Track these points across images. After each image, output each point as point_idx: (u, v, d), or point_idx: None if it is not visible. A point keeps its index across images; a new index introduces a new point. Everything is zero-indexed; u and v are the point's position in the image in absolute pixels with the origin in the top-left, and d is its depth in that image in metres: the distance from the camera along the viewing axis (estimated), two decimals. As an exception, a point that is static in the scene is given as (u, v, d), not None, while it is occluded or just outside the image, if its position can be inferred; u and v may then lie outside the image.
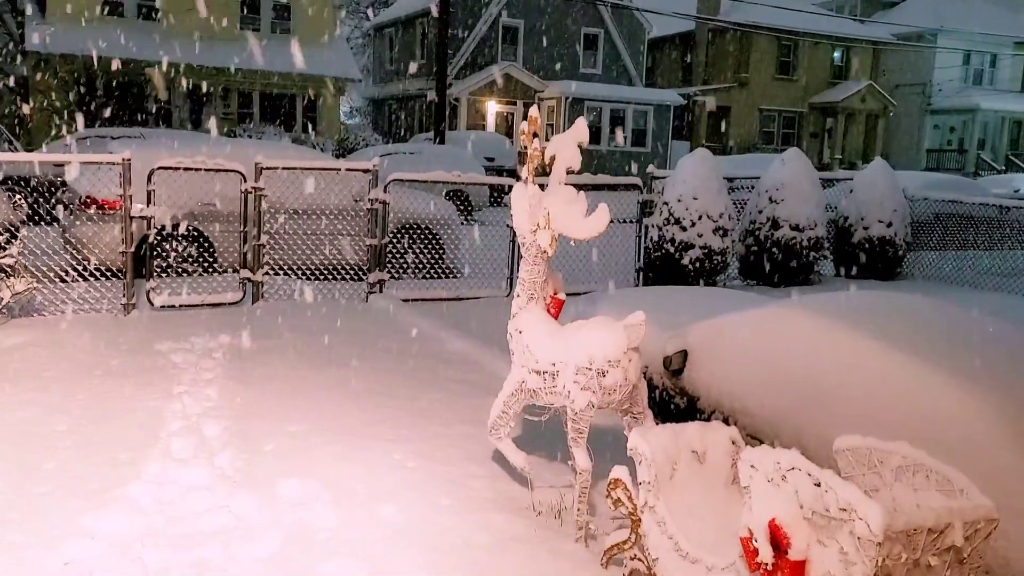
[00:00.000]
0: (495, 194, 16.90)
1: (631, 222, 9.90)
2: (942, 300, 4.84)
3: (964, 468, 2.41)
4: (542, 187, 3.68)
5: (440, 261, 9.90)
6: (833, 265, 11.32)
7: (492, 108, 29.71)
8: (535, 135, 3.65)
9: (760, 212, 10.22)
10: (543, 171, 3.75)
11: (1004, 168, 35.46)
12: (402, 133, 29.66)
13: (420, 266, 9.80)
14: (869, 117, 36.60)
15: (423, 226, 9.88)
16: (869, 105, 36.14)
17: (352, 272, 9.04)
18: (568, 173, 3.63)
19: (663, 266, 9.72)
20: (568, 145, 3.59)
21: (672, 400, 5.28)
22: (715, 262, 9.59)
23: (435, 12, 22.12)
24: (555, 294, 3.83)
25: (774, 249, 10.07)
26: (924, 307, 4.38)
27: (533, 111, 3.66)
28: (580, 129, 3.56)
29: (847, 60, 36.64)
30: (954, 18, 36.56)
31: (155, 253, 7.77)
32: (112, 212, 7.96)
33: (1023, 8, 40.85)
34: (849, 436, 2.61)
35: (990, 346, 3.97)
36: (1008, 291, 10.34)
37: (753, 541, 2.28)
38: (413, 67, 30.50)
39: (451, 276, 9.90)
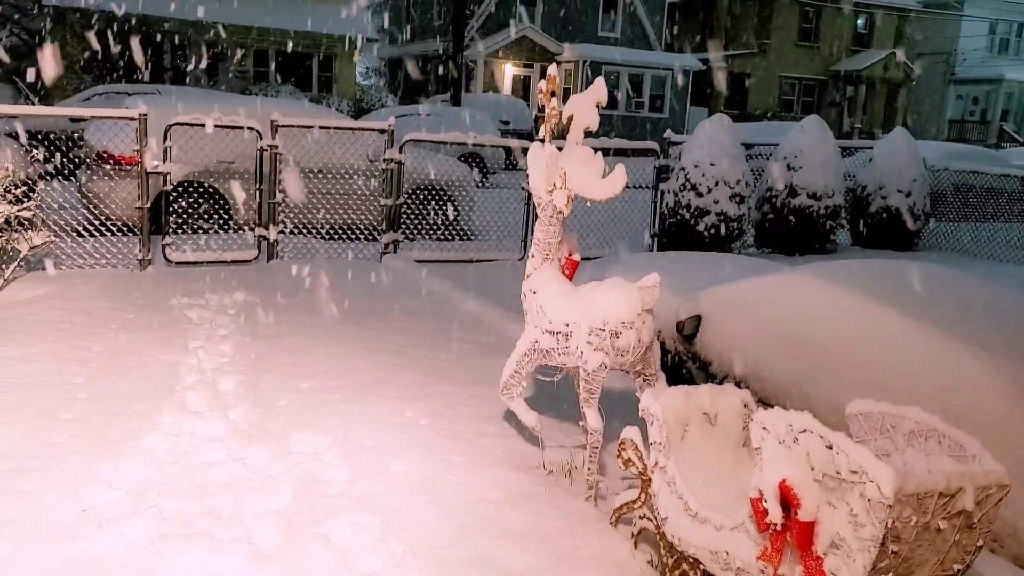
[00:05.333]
0: (510, 158, 16.80)
1: (647, 187, 9.84)
2: (955, 269, 4.79)
3: (975, 436, 2.41)
4: (559, 148, 3.65)
5: (455, 223, 9.89)
6: (850, 234, 11.23)
7: (509, 71, 29.40)
8: (553, 94, 3.60)
9: (778, 180, 10.12)
10: (561, 133, 3.71)
11: (1026, 140, 34.93)
12: (418, 94, 29.44)
13: (435, 227, 9.80)
14: (891, 86, 36.00)
15: (438, 188, 9.85)
16: (891, 74, 35.52)
17: (367, 232, 9.05)
18: (586, 135, 3.60)
19: (678, 232, 9.67)
20: (586, 105, 3.55)
21: (684, 364, 5.28)
22: (731, 229, 9.52)
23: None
24: (570, 255, 3.82)
25: (791, 217, 9.99)
26: (936, 275, 4.35)
27: (552, 69, 3.61)
28: (599, 90, 3.51)
29: (871, 27, 35.95)
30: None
31: (171, 209, 7.79)
32: (128, 168, 7.96)
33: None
34: (862, 400, 2.60)
35: (1002, 314, 3.95)
36: (1018, 262, 10.23)
37: (763, 502, 2.29)
38: (430, 28, 30.18)
39: (466, 238, 9.89)
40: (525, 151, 3.95)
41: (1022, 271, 9.70)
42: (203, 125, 7.61)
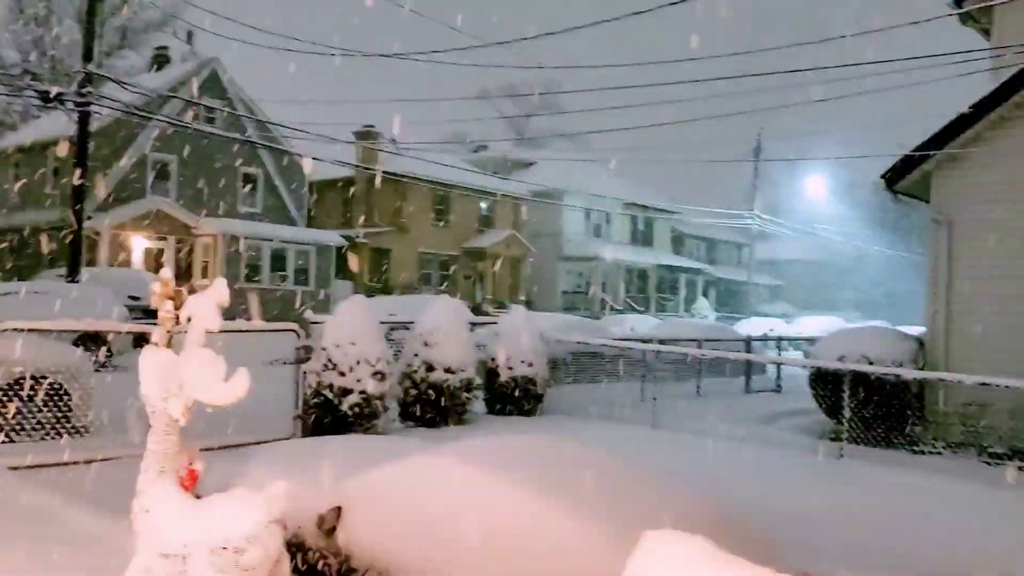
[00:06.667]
0: (139, 337, 15.51)
1: (290, 363, 9.69)
2: (565, 440, 5.33)
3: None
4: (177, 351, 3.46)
5: (64, 417, 8.71)
6: (484, 403, 12.02)
7: (140, 243, 27.74)
8: (171, 298, 3.45)
9: (416, 356, 10.62)
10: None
11: (622, 309, 41.18)
12: (33, 269, 26.26)
13: (40, 425, 8.52)
14: (514, 262, 40.61)
15: (40, 377, 8.66)
16: (513, 251, 40.17)
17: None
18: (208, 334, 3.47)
19: (322, 412, 9.56)
20: (206, 306, 3.44)
21: (325, 559, 5.07)
22: (374, 407, 9.66)
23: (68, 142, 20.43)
24: (190, 464, 3.55)
25: (430, 391, 10.45)
26: (552, 449, 4.80)
27: (165, 272, 3.47)
28: (220, 291, 3.44)
29: (493, 211, 40.67)
30: (577, 181, 42.67)
31: None
32: None
33: (627, 173, 49.04)
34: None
35: (608, 482, 4.45)
36: (620, 420, 11.71)
37: None
38: (45, 197, 27.59)
39: (80, 434, 8.73)
40: (143, 340, 3.65)
41: (627, 428, 11.08)
42: None
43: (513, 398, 11.68)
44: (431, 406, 10.48)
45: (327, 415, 9.51)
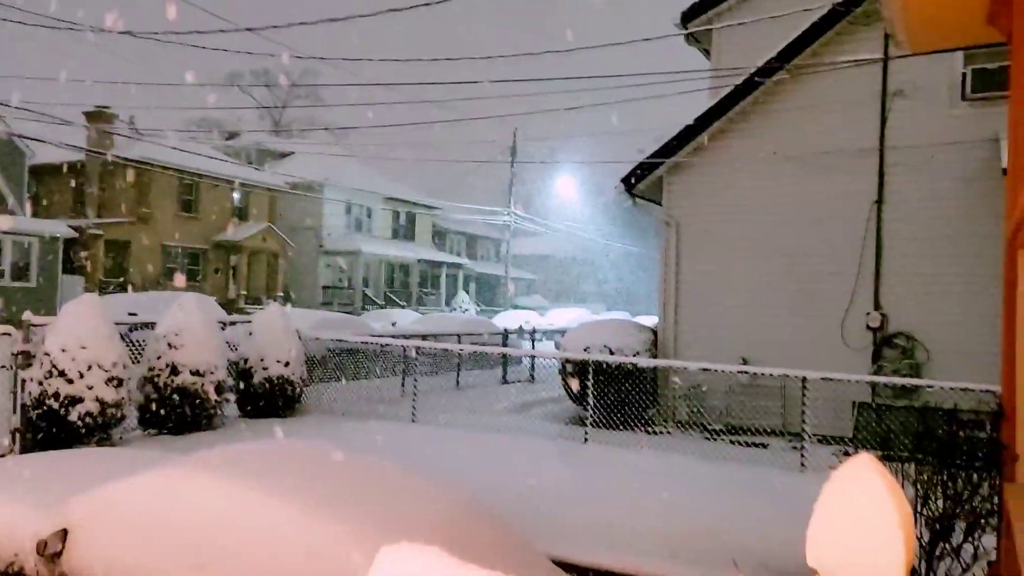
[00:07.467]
0: None
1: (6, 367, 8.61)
2: (316, 441, 5.24)
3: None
4: None
5: None
6: (237, 406, 11.46)
7: None
8: None
9: (159, 358, 9.87)
10: None
11: (384, 303, 41.11)
12: None
13: None
14: (271, 256, 38.97)
15: None
16: (270, 245, 38.54)
17: None
18: None
19: (48, 424, 8.61)
20: None
21: (49, 590, 4.59)
22: (109, 415, 8.86)
23: None
24: None
25: (175, 396, 9.77)
26: (303, 453, 4.71)
27: None
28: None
29: (247, 203, 38.74)
30: (336, 173, 41.84)
31: None
32: None
33: (387, 170, 48.99)
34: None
35: (357, 484, 4.44)
36: (380, 417, 11.76)
37: None
38: None
39: None
40: None
41: (387, 425, 11.10)
42: None
43: (268, 399, 11.24)
44: (177, 412, 9.80)
45: (53, 427, 8.58)
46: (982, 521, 4.66)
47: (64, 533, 4.56)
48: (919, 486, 4.72)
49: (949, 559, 4.65)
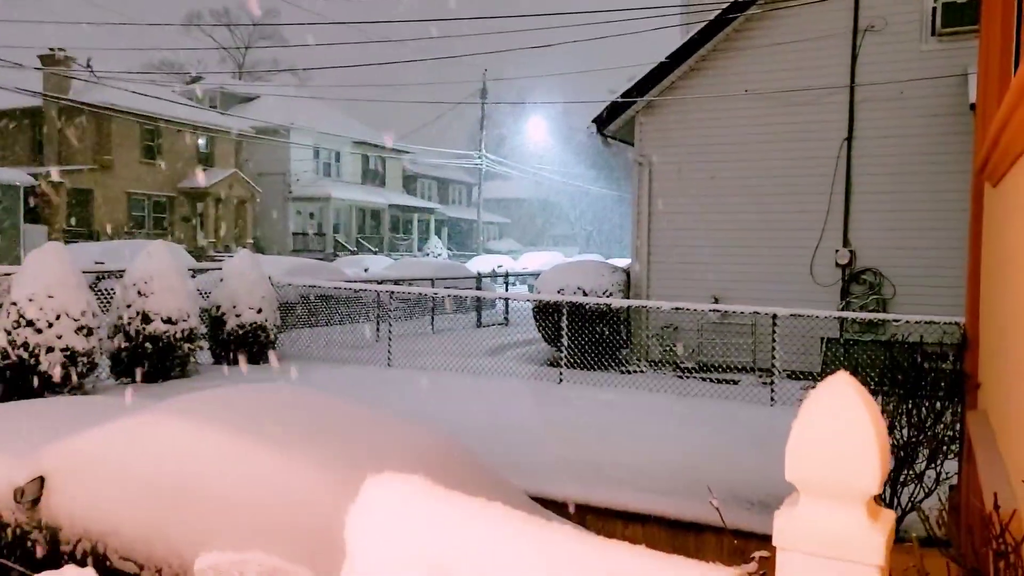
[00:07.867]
0: None
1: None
2: (294, 388, 5.24)
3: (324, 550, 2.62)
4: None
5: None
6: (210, 353, 11.41)
7: None
8: None
9: (129, 307, 9.76)
10: None
11: (356, 249, 40.79)
12: None
13: None
14: (239, 203, 38.35)
15: None
16: (237, 192, 37.89)
17: None
18: None
19: (17, 375, 8.52)
20: None
21: (28, 535, 4.60)
22: (81, 365, 8.78)
23: None
24: None
25: (147, 344, 9.70)
26: (278, 397, 4.71)
27: None
28: None
29: (212, 148, 37.93)
30: (303, 117, 41.01)
31: None
32: None
33: (355, 112, 48.10)
34: (208, 553, 2.62)
35: (346, 430, 4.46)
36: (355, 362, 11.80)
37: None
38: None
39: None
40: None
41: (362, 369, 11.13)
42: None
43: (242, 346, 11.19)
44: (149, 360, 9.74)
45: (23, 377, 8.49)
46: (944, 448, 4.82)
47: (41, 481, 4.55)
48: (885, 416, 4.85)
49: (913, 484, 4.81)
